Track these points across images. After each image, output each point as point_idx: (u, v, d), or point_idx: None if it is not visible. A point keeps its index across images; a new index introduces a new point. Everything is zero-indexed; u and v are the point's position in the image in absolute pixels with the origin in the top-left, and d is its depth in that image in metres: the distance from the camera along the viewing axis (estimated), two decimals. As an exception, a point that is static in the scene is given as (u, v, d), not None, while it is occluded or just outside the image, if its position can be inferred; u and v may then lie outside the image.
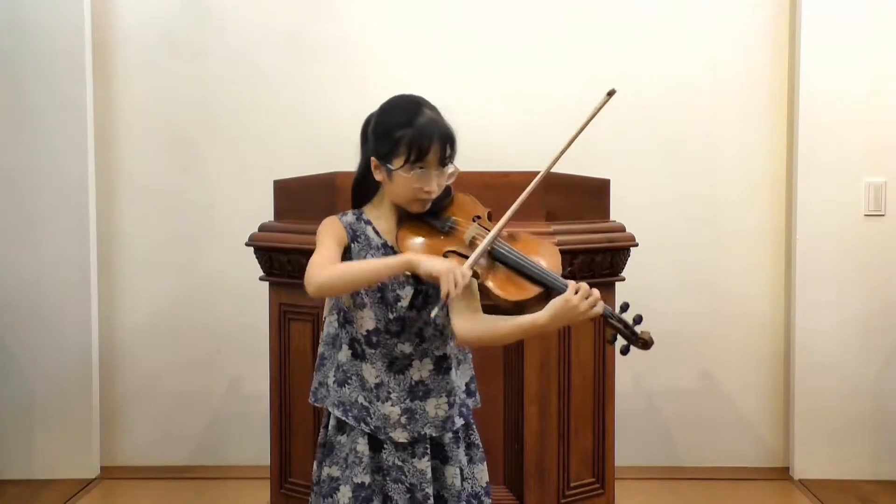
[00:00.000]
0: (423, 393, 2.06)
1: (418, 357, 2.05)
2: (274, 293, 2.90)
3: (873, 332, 3.88)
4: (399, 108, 2.03)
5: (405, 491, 2.06)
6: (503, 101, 3.92)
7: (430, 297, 2.03)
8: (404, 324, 2.04)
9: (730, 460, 4.01)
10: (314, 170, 2.94)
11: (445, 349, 2.08)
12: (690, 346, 3.99)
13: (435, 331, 2.06)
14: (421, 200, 2.01)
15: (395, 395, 2.05)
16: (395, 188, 2.01)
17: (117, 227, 4.00)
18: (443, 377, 2.08)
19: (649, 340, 1.91)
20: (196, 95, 3.96)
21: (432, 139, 1.96)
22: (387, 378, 2.05)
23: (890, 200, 3.85)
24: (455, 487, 2.10)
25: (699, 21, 3.95)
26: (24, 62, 3.81)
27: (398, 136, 1.98)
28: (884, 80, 3.83)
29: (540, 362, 2.67)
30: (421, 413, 2.06)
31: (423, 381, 2.06)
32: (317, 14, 3.96)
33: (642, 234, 2.98)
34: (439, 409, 2.07)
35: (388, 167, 1.99)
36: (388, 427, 2.05)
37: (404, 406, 2.05)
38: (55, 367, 3.87)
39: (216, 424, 4.03)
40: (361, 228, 2.05)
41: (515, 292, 1.92)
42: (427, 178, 1.98)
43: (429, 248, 1.98)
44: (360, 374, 2.06)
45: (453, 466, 2.10)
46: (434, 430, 2.06)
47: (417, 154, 1.96)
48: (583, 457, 2.79)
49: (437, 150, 1.97)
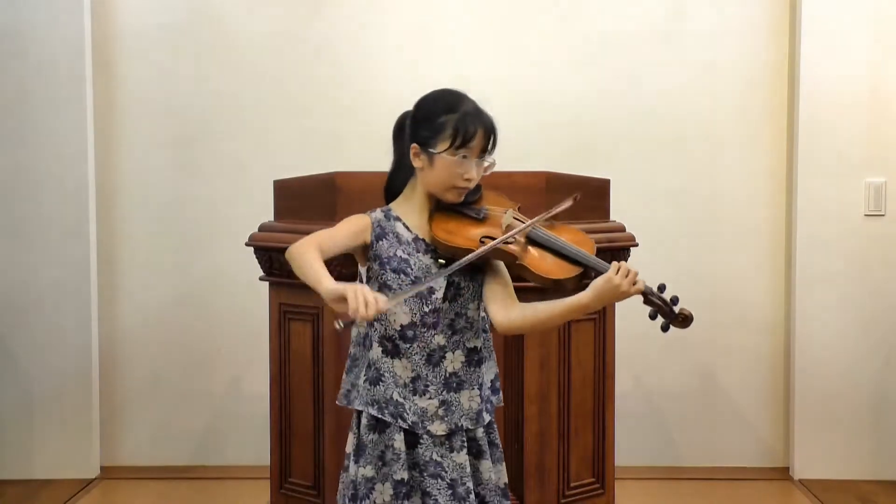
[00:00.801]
0: (456, 384, 2.07)
1: (451, 349, 2.06)
2: (274, 293, 2.90)
3: (873, 332, 3.88)
4: (443, 97, 2.07)
5: (446, 487, 2.06)
6: (505, 102, 3.90)
7: (461, 288, 2.05)
8: (439, 316, 2.05)
9: (730, 460, 4.01)
10: (314, 170, 2.94)
11: (477, 342, 2.10)
12: (690, 346, 3.99)
13: (466, 323, 2.08)
14: (458, 189, 2.04)
15: (432, 388, 2.05)
16: (434, 174, 2.03)
17: (117, 227, 4.00)
18: (474, 370, 2.09)
19: (689, 316, 1.98)
20: (196, 95, 3.96)
21: (477, 126, 2.02)
22: (424, 371, 2.05)
23: (890, 200, 3.85)
24: (492, 482, 2.11)
25: (699, 21, 3.95)
26: (24, 62, 3.82)
27: (443, 120, 2.01)
28: (884, 80, 3.83)
29: (540, 362, 2.67)
30: (457, 405, 2.07)
31: (457, 373, 2.07)
32: (317, 14, 3.96)
33: (642, 234, 2.98)
34: (472, 401, 2.08)
35: (431, 151, 2.01)
36: (425, 421, 2.05)
37: (441, 398, 2.06)
38: (55, 367, 3.87)
39: (216, 424, 4.03)
40: (390, 226, 2.06)
41: (557, 271, 2.00)
42: (468, 165, 2.02)
43: (461, 233, 2.02)
44: (393, 371, 2.06)
45: (488, 461, 2.11)
46: (469, 422, 2.07)
47: (463, 139, 2.00)
48: (583, 457, 2.79)
49: (480, 138, 2.02)
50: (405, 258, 2.03)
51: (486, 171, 2.06)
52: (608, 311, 2.82)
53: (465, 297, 2.06)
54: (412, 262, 2.04)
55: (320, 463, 2.76)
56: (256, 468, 3.63)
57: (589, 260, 2.01)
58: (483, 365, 2.11)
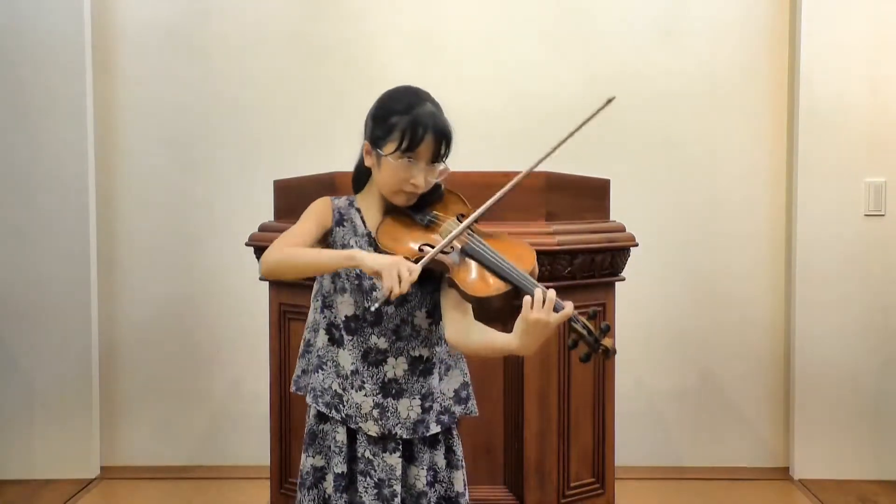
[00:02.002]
0: (395, 391, 2.02)
1: (393, 354, 2.02)
2: (274, 293, 2.90)
3: (873, 332, 3.88)
4: (400, 96, 2.02)
5: (373, 486, 2.03)
6: (505, 102, 3.92)
7: (409, 296, 1.97)
8: (381, 317, 2.01)
9: (730, 460, 4.01)
10: (314, 170, 2.94)
11: (424, 351, 2.04)
12: (690, 346, 4.00)
13: (412, 331, 2.03)
14: (405, 193, 1.99)
15: (368, 386, 2.02)
16: (382, 175, 2.00)
17: (117, 226, 4.00)
18: (418, 379, 2.04)
19: (611, 349, 1.81)
20: (196, 95, 3.96)
21: (427, 131, 1.94)
22: (362, 367, 2.02)
23: (890, 200, 3.85)
24: (416, 488, 2.06)
25: (699, 21, 3.95)
26: (24, 62, 3.82)
27: (394, 121, 1.96)
28: (884, 80, 3.83)
29: (540, 362, 2.67)
30: (392, 411, 2.02)
31: (397, 380, 2.03)
32: (317, 14, 3.96)
33: (642, 234, 2.98)
34: (411, 410, 2.03)
35: (378, 152, 1.98)
36: (359, 417, 2.02)
37: (376, 400, 2.02)
38: (55, 367, 3.87)
39: (216, 424, 4.03)
40: (350, 214, 2.05)
41: (480, 288, 1.88)
42: (414, 170, 1.96)
43: (404, 241, 1.96)
44: (336, 360, 2.04)
45: (417, 467, 2.06)
46: (405, 431, 2.03)
47: (409, 143, 1.94)
48: (583, 457, 2.79)
49: (429, 144, 1.95)
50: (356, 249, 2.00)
51: (439, 177, 2.00)
52: (608, 311, 2.82)
53: (412, 303, 2.01)
54: None
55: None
56: (256, 468, 3.63)
57: (513, 276, 1.85)
58: (433, 376, 2.05)
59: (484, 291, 1.87)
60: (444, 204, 2.07)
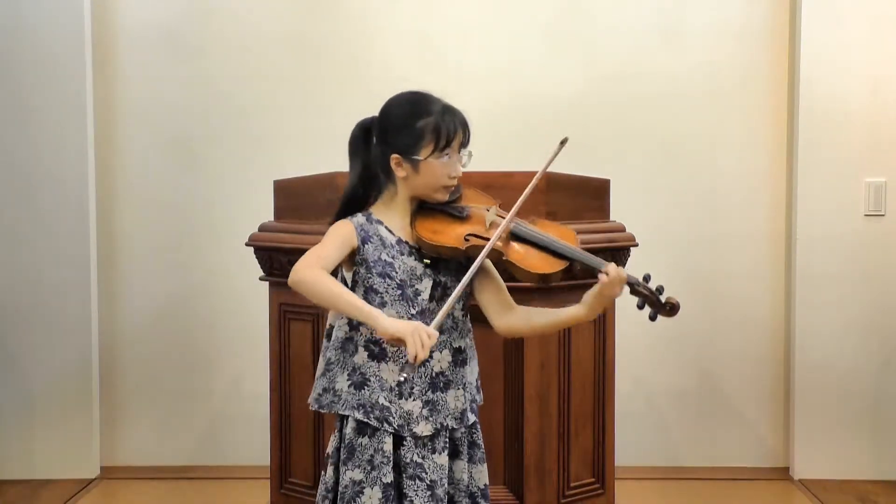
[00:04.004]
0: (443, 384, 2.06)
1: (438, 349, 2.05)
2: (274, 293, 2.90)
3: (873, 332, 3.88)
4: (411, 102, 2.06)
5: (426, 488, 2.05)
6: (505, 102, 3.92)
7: (448, 288, 2.04)
8: (426, 317, 2.03)
9: (730, 460, 4.01)
10: (314, 170, 2.94)
11: (462, 342, 2.09)
12: (690, 346, 4.00)
13: (452, 323, 2.07)
14: (446, 187, 2.05)
15: (417, 390, 2.05)
16: (421, 179, 2.02)
17: (117, 226, 4.00)
18: (460, 369, 2.09)
19: (676, 305, 1.99)
20: (196, 95, 3.96)
21: (456, 123, 2.02)
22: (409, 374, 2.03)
23: (890, 200, 3.85)
24: (463, 482, 2.10)
25: (699, 21, 3.95)
26: (24, 62, 3.82)
27: (420, 125, 2.01)
28: (884, 80, 3.83)
29: (540, 362, 2.67)
30: (443, 404, 2.06)
31: (444, 373, 2.06)
32: (317, 14, 3.96)
33: (642, 234, 2.98)
34: (458, 400, 2.08)
35: (415, 158, 2.01)
36: (411, 423, 2.04)
37: (426, 398, 2.05)
38: (55, 367, 3.87)
39: (216, 424, 4.03)
40: (374, 229, 2.05)
41: (543, 266, 2.00)
42: (454, 163, 2.04)
43: (446, 232, 2.01)
44: (379, 375, 2.05)
45: (462, 461, 2.10)
46: (454, 421, 2.07)
47: (446, 139, 2.01)
48: (583, 457, 2.79)
49: (460, 134, 2.03)
50: (389, 261, 2.02)
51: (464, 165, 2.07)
52: (608, 311, 2.82)
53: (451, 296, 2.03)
54: (396, 265, 2.03)
55: (320, 463, 2.75)
56: (256, 468, 3.63)
57: (574, 253, 2.02)
58: (468, 365, 2.11)
59: (548, 268, 2.00)
60: (468, 198, 2.13)
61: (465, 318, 2.11)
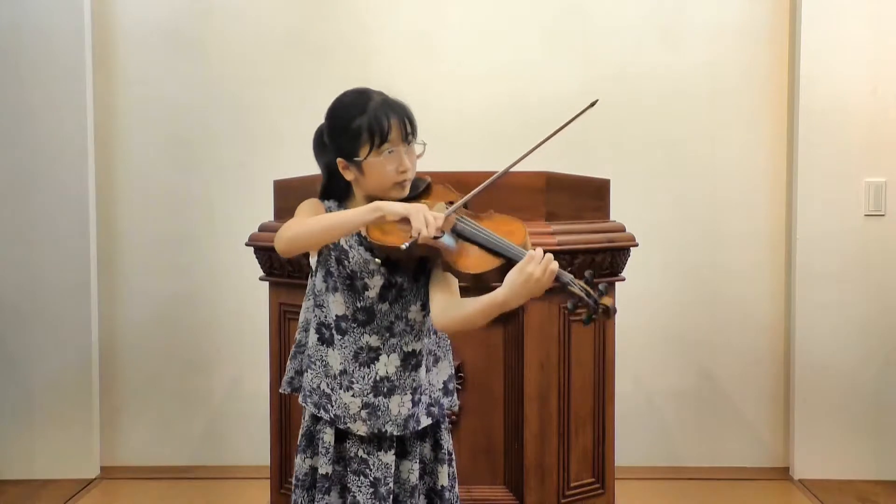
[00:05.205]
0: (387, 390, 2.02)
1: (386, 352, 2.02)
2: (274, 293, 2.90)
3: (873, 332, 3.88)
4: (347, 102, 2.04)
5: (369, 485, 2.02)
6: (504, 102, 3.92)
7: (404, 290, 2.00)
8: (373, 315, 2.01)
9: (730, 460, 4.01)
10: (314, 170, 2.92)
11: (416, 345, 2.04)
12: (690, 346, 4.00)
13: (406, 325, 2.03)
14: (399, 184, 2.00)
15: (357, 387, 2.01)
16: (370, 180, 2.00)
17: (117, 227, 4.00)
18: (409, 374, 2.03)
19: (611, 307, 1.79)
20: (196, 95, 3.96)
21: (389, 117, 1.97)
22: (351, 367, 2.01)
23: (890, 200, 3.85)
24: (409, 483, 2.07)
25: (699, 20, 3.95)
26: (24, 62, 3.82)
27: (356, 126, 1.98)
28: (884, 80, 3.83)
29: (540, 362, 2.67)
30: (383, 410, 2.01)
31: (389, 378, 2.02)
32: (317, 13, 3.96)
33: (642, 234, 2.98)
34: (402, 406, 2.02)
35: (357, 160, 1.98)
36: (347, 418, 2.01)
37: (366, 400, 2.01)
38: (55, 367, 3.87)
39: (216, 424, 4.03)
40: None
41: (475, 264, 1.88)
42: (398, 157, 1.98)
43: (393, 231, 1.93)
44: (325, 360, 2.03)
45: (410, 461, 2.07)
46: (396, 428, 2.02)
47: (380, 135, 1.96)
48: (583, 457, 2.79)
49: (397, 127, 1.97)
50: (346, 249, 2.00)
51: (419, 156, 2.02)
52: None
53: (406, 298, 2.02)
54: (351, 254, 2.00)
55: (320, 463, 2.75)
56: (256, 468, 3.63)
57: (504, 250, 1.86)
58: (421, 369, 2.05)
59: (479, 268, 1.87)
60: (432, 194, 2.07)
61: (425, 319, 2.05)
